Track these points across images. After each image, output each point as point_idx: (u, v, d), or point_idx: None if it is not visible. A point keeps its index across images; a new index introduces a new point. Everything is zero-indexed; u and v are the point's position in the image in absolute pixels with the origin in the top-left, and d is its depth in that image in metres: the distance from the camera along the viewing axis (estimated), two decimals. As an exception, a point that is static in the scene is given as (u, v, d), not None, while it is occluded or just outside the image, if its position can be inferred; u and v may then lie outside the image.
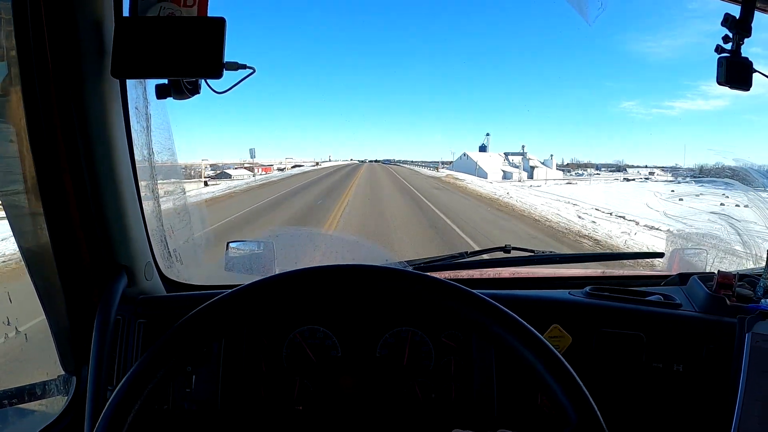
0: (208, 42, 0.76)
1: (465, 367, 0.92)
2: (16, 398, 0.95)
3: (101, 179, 0.85)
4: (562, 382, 0.60)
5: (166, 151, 0.97)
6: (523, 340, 0.63)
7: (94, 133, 0.82)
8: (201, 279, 1.09)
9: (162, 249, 1.03)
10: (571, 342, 0.91)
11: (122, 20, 0.78)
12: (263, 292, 0.68)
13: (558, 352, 0.63)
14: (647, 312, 0.93)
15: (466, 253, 1.17)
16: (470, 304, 0.65)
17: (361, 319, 0.94)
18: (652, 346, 0.90)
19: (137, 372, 0.63)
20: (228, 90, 0.84)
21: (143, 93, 0.91)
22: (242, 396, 0.91)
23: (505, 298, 0.93)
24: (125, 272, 0.91)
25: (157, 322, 0.92)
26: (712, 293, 0.95)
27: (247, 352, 0.92)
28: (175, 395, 0.89)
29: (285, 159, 61.11)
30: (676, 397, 0.89)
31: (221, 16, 0.77)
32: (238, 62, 0.79)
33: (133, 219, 0.90)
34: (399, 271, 0.67)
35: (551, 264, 1.16)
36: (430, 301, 0.65)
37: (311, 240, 1.19)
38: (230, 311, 0.67)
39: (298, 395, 0.92)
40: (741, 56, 1.04)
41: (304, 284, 0.68)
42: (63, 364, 0.94)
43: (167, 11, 0.78)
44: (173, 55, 0.76)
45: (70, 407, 0.94)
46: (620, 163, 71.79)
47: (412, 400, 0.92)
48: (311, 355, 0.93)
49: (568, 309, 0.94)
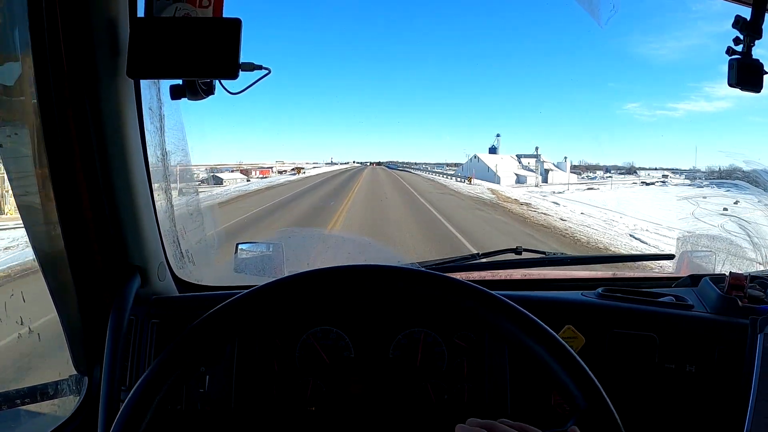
0: (223, 43, 0.76)
1: (478, 368, 0.92)
2: (28, 398, 0.94)
3: (115, 180, 0.85)
4: (570, 371, 0.62)
5: (179, 152, 0.98)
6: (536, 338, 0.65)
7: (108, 134, 0.82)
8: (212, 279, 1.09)
9: (174, 250, 1.03)
10: (584, 343, 0.91)
11: (137, 20, 0.78)
12: (279, 292, 0.68)
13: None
14: (660, 313, 0.93)
15: (478, 255, 1.18)
16: (488, 305, 0.66)
17: (374, 320, 0.94)
18: (664, 347, 0.90)
19: (152, 374, 0.63)
20: (243, 91, 0.84)
21: (157, 94, 0.92)
22: (255, 396, 0.91)
23: (517, 299, 0.93)
24: (138, 273, 0.91)
25: (170, 323, 0.92)
26: (724, 294, 0.95)
27: (260, 352, 0.92)
28: (189, 395, 0.89)
29: (275, 162, 57.78)
30: (689, 398, 0.89)
31: (237, 17, 0.77)
32: (254, 63, 0.79)
33: (147, 220, 0.90)
34: (418, 272, 0.67)
35: (562, 266, 1.16)
36: (449, 302, 0.66)
37: (321, 240, 1.19)
38: (245, 313, 0.67)
39: (311, 396, 0.92)
40: (752, 58, 1.04)
41: (322, 284, 0.68)
42: (75, 364, 0.94)
43: (182, 12, 0.78)
44: (189, 56, 0.76)
45: (81, 407, 0.93)
46: (630, 165, 67.92)
47: (425, 401, 0.92)
48: (324, 356, 0.93)
49: (580, 310, 0.94)
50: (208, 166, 31.32)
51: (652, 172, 58.09)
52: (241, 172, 35.46)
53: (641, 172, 57.05)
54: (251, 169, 36.51)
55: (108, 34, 0.79)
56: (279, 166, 50.18)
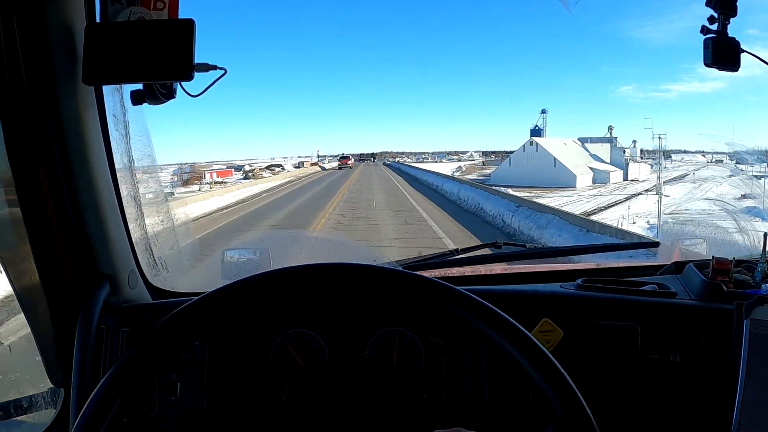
0: (177, 44, 0.75)
1: (456, 366, 0.90)
2: (2, 412, 0.94)
3: (79, 188, 0.84)
4: (545, 375, 0.58)
5: (146, 158, 0.97)
6: (506, 335, 0.61)
7: (70, 142, 0.82)
8: (189, 286, 1.08)
9: (147, 257, 1.02)
10: (563, 336, 0.88)
11: (92, 26, 0.78)
12: (245, 291, 0.66)
13: (549, 346, 0.61)
14: (641, 302, 0.91)
15: (457, 251, 1.15)
16: (453, 302, 0.63)
17: (348, 321, 0.92)
18: (647, 337, 0.87)
19: (112, 377, 0.62)
20: (202, 93, 0.83)
21: (120, 100, 0.91)
22: (229, 402, 0.89)
23: (494, 294, 0.91)
24: (108, 281, 0.90)
25: (141, 330, 0.91)
26: (708, 280, 0.92)
27: (233, 357, 0.91)
28: (161, 403, 0.88)
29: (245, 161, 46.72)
30: (674, 388, 0.86)
31: (190, 18, 0.76)
32: (209, 63, 0.78)
33: (114, 227, 0.89)
34: (377, 268, 0.65)
35: (544, 258, 1.14)
36: (409, 298, 0.64)
37: (299, 242, 1.18)
38: (210, 312, 0.65)
39: (287, 400, 0.90)
40: (728, 36, 1.01)
41: (289, 283, 0.66)
42: (50, 376, 0.93)
43: (137, 15, 0.78)
44: (143, 59, 0.75)
45: (57, 420, 0.92)
46: (664, 148, 56.86)
47: (403, 401, 0.90)
48: (298, 359, 0.91)
49: (558, 302, 0.91)
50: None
51: (684, 156, 46.94)
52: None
53: (675, 156, 44.20)
54: (200, 172, 22.99)
55: (64, 41, 0.78)
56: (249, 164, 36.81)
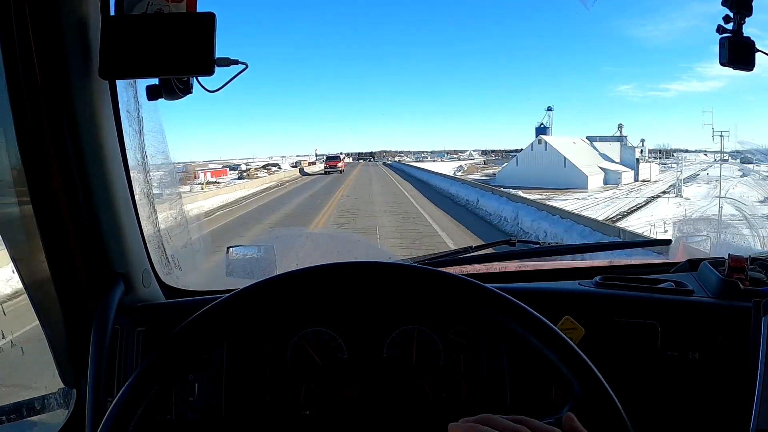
0: (198, 38, 0.73)
1: (475, 364, 0.90)
2: (14, 414, 0.92)
3: (93, 185, 0.82)
4: (565, 358, 0.62)
5: (159, 155, 0.95)
6: (529, 327, 0.64)
7: (83, 138, 0.80)
8: (201, 284, 1.07)
9: (160, 255, 1.00)
10: (584, 334, 0.88)
11: (108, 19, 0.76)
12: (266, 292, 0.66)
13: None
14: (660, 300, 0.91)
15: (471, 248, 1.15)
16: (481, 298, 0.64)
17: (366, 319, 0.92)
18: (666, 334, 0.88)
19: (136, 382, 0.62)
20: (221, 88, 0.81)
21: (134, 95, 0.89)
22: (247, 403, 0.88)
23: (513, 291, 0.91)
24: (122, 280, 0.88)
25: (156, 330, 0.90)
26: (725, 278, 0.93)
27: (251, 358, 0.89)
28: (178, 404, 0.86)
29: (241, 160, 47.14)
30: (694, 385, 0.87)
31: (211, 11, 0.74)
32: (230, 58, 0.76)
33: (128, 225, 0.88)
34: (409, 267, 0.65)
35: (558, 255, 1.14)
36: (442, 297, 0.65)
37: (309, 240, 1.17)
38: (230, 315, 0.65)
39: (305, 400, 0.89)
40: (743, 36, 1.02)
41: (312, 283, 0.66)
42: (62, 376, 0.92)
43: (155, 7, 0.76)
44: (162, 54, 0.73)
45: (70, 421, 0.91)
46: (666, 148, 50.27)
47: (421, 400, 0.89)
48: (316, 358, 0.91)
49: (578, 300, 0.92)
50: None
51: (687, 155, 44.31)
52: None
53: (676, 155, 46.17)
54: (193, 171, 21.73)
55: (79, 34, 0.76)
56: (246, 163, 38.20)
